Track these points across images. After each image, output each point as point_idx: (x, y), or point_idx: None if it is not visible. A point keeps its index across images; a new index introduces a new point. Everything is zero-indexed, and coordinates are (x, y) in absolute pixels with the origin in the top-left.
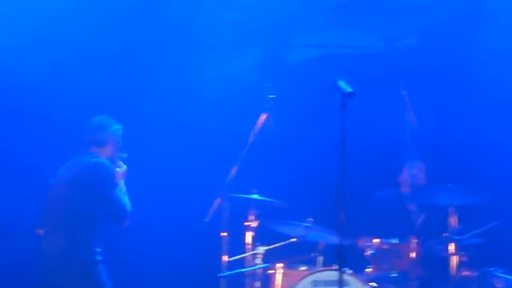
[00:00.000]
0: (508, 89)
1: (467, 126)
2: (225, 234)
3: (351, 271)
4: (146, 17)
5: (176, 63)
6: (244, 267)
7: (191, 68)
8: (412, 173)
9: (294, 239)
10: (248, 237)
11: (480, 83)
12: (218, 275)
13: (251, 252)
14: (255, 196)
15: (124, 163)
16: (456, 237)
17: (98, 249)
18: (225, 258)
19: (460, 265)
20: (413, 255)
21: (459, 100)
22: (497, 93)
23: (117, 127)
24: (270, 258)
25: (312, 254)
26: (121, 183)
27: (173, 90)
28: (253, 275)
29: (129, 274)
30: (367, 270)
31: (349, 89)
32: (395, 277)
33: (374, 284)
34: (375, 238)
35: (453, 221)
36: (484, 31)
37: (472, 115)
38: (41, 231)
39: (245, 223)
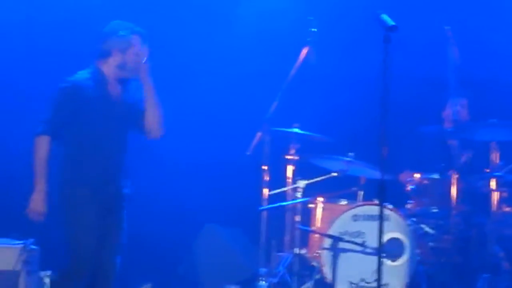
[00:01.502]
0: None
1: (510, 62)
2: (266, 167)
3: (391, 206)
4: None
5: None
6: (284, 201)
7: (231, 2)
8: (455, 110)
9: (335, 174)
10: (289, 171)
11: None
12: (259, 208)
13: (291, 186)
14: (296, 130)
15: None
16: (498, 173)
17: None
18: (265, 191)
19: (501, 201)
20: (454, 190)
21: (503, 35)
22: None
23: (123, 33)
24: (310, 192)
25: (353, 189)
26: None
27: (216, 23)
28: (293, 209)
29: (173, 205)
30: (408, 205)
31: (392, 23)
32: (435, 212)
33: (414, 219)
34: (416, 173)
35: (494, 157)
36: None
37: None
38: None
39: (286, 157)
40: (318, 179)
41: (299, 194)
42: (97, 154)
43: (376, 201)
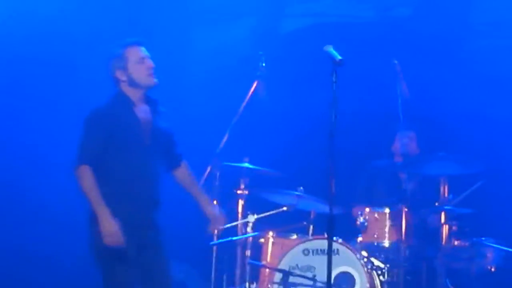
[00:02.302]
0: (501, 60)
1: (459, 96)
2: (216, 202)
3: (341, 240)
4: None
5: (168, 33)
6: (235, 236)
7: (183, 38)
8: (404, 143)
9: (285, 208)
10: (239, 205)
11: (473, 53)
12: (209, 243)
13: (242, 221)
14: (246, 164)
15: None
16: (447, 207)
17: None
18: None
19: (451, 234)
20: (404, 224)
21: (451, 70)
22: (490, 63)
23: (116, 51)
24: (261, 226)
25: (303, 223)
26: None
27: (165, 60)
28: (244, 244)
29: None
30: (358, 239)
31: (339, 57)
32: (386, 246)
33: (364, 253)
34: (367, 207)
35: (444, 190)
36: (477, 1)
37: (465, 85)
38: None
39: (236, 191)
40: (268, 213)
41: (249, 229)
42: (128, 182)
43: (326, 235)
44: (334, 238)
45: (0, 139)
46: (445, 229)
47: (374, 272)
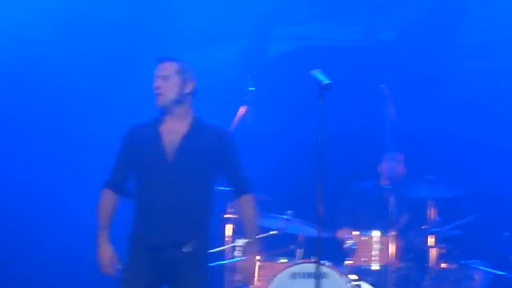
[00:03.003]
0: (487, 82)
1: (446, 119)
2: None
3: (330, 264)
4: (125, 10)
5: (154, 54)
6: (223, 260)
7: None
8: (391, 165)
9: (273, 232)
10: (227, 229)
11: (460, 75)
12: None
13: (230, 245)
14: None
15: None
16: (435, 230)
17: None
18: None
19: (439, 257)
20: (392, 247)
21: (438, 93)
22: (476, 86)
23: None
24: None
25: (291, 247)
26: None
27: (150, 82)
28: (232, 268)
29: None
30: (346, 262)
31: (327, 81)
32: (374, 269)
33: (353, 276)
34: (354, 230)
35: (432, 213)
36: (463, 24)
37: (452, 108)
38: None
39: (224, 216)
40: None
41: (237, 253)
42: (146, 201)
43: (314, 259)
44: (322, 262)
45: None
46: (433, 251)
47: None
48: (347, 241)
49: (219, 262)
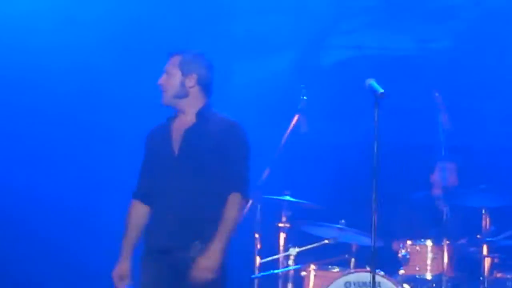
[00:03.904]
0: None
1: (500, 128)
2: (258, 235)
3: (383, 273)
4: (179, 18)
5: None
6: (276, 269)
7: (225, 70)
8: (443, 175)
9: (327, 241)
10: (281, 238)
11: None
12: (251, 276)
13: (283, 254)
14: (287, 197)
15: None
16: (489, 239)
17: None
18: (257, 259)
19: (493, 267)
20: (446, 257)
21: (492, 102)
22: None
23: None
24: (302, 259)
25: (344, 256)
26: None
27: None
28: (285, 277)
29: None
30: (399, 272)
31: (381, 90)
32: (428, 279)
33: (406, 286)
34: (408, 239)
35: (486, 222)
36: None
37: (506, 116)
38: None
39: (278, 225)
40: (310, 246)
41: (291, 262)
42: (157, 212)
43: (368, 268)
44: (376, 271)
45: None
46: (487, 261)
47: None
48: (401, 251)
49: (273, 271)
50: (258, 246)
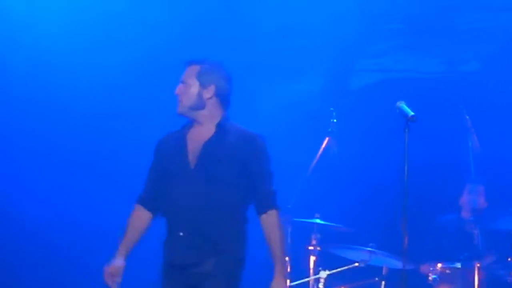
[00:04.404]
0: None
1: None
2: (288, 258)
3: None
4: (207, 42)
5: (239, 88)
6: None
7: (254, 93)
8: (472, 197)
9: (357, 264)
10: (311, 261)
11: None
12: None
13: (313, 277)
14: (317, 220)
15: None
16: None
17: None
18: (287, 282)
19: None
20: (476, 279)
21: None
22: None
23: None
24: (332, 282)
25: (375, 279)
26: None
27: (235, 115)
28: None
29: None
30: None
31: (411, 113)
32: None
33: None
34: (438, 262)
35: None
36: None
37: None
38: None
39: (308, 248)
40: (340, 269)
41: (321, 285)
42: (173, 225)
43: None
44: None
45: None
46: None
47: None
48: (431, 274)
49: None
50: (288, 269)
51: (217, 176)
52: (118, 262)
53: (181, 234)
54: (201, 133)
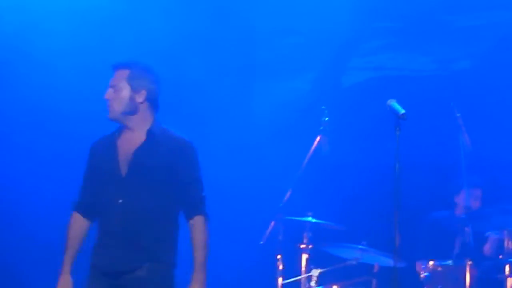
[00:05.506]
0: None
1: None
2: (280, 256)
3: None
4: (202, 40)
5: (232, 86)
6: None
7: (246, 91)
8: (469, 203)
9: (349, 262)
10: (303, 259)
11: None
12: None
13: (305, 275)
14: (309, 218)
15: None
16: None
17: None
18: (280, 280)
19: None
20: (468, 277)
21: None
22: None
23: None
24: (324, 280)
25: (366, 277)
26: None
27: (227, 113)
28: None
29: None
30: None
31: (402, 110)
32: None
33: None
34: (430, 260)
35: (508, 243)
36: None
37: None
38: None
39: (300, 246)
40: (332, 267)
41: (313, 283)
42: (104, 233)
43: None
44: None
45: None
46: (509, 281)
47: None
48: (423, 271)
49: None
50: (280, 267)
51: (148, 184)
52: (67, 277)
53: (113, 240)
54: (132, 140)
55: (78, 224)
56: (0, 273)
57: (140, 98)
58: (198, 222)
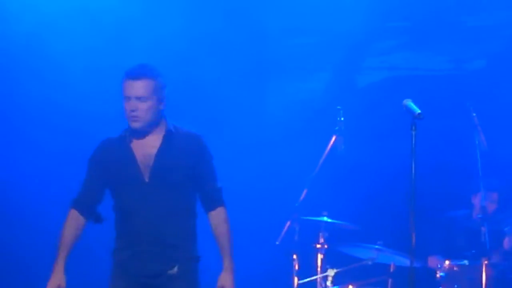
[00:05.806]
0: None
1: None
2: (296, 256)
3: None
4: (215, 41)
5: (246, 86)
6: None
7: (261, 91)
8: (485, 206)
9: (365, 262)
10: (319, 259)
11: None
12: None
13: (321, 275)
14: (325, 218)
15: None
16: None
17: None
18: (295, 280)
19: None
20: (484, 277)
21: None
22: None
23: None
24: (340, 280)
25: (382, 277)
26: None
27: (243, 114)
28: None
29: None
30: None
31: (418, 110)
32: None
33: None
34: (446, 259)
35: None
36: None
37: None
38: None
39: (315, 246)
40: (348, 267)
41: (329, 283)
42: (124, 224)
43: None
44: None
45: None
46: None
47: None
48: (439, 271)
49: None
50: (296, 267)
51: (171, 185)
52: (61, 274)
53: (142, 244)
54: (148, 143)
55: (75, 222)
56: (6, 270)
57: (162, 106)
58: (220, 212)
